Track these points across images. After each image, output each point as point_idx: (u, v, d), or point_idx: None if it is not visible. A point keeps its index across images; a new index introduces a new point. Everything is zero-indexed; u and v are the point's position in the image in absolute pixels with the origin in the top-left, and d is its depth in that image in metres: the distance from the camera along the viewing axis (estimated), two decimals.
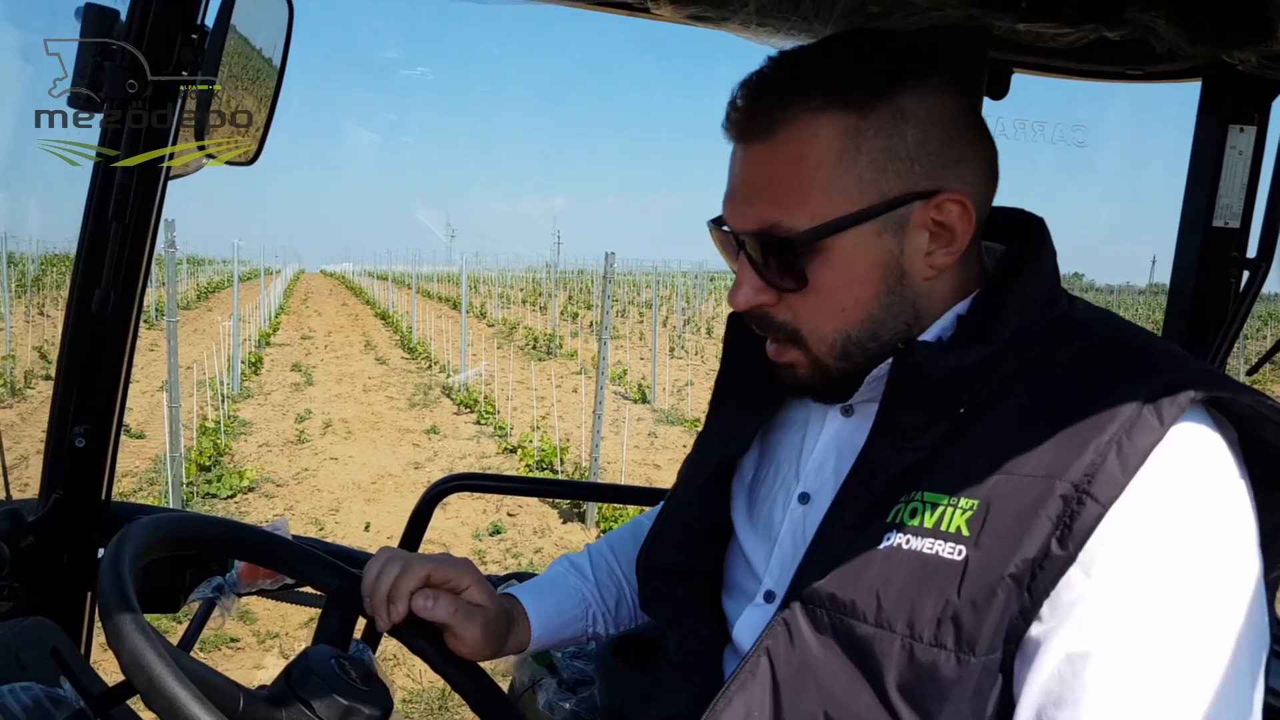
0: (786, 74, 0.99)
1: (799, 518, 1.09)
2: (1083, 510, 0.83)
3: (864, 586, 0.92)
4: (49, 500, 1.51)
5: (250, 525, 1.21)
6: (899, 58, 0.99)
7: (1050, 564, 0.84)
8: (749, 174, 1.01)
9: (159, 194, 1.47)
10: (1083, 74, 1.78)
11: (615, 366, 16.27)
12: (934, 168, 0.97)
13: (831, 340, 1.01)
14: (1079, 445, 0.86)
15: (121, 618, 0.85)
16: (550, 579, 1.40)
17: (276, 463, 9.79)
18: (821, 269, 0.98)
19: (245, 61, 1.40)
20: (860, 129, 0.95)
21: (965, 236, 0.99)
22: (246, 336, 18.06)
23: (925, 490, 0.93)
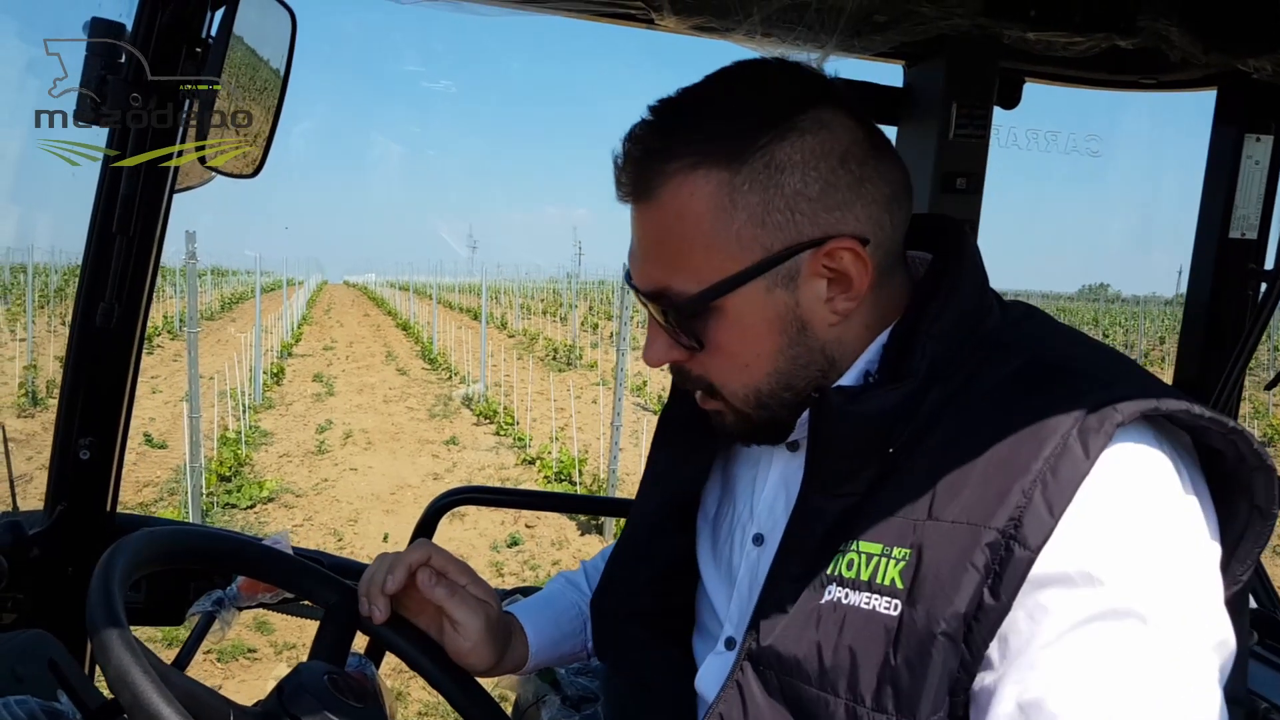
0: (661, 130, 0.94)
1: (754, 560, 1.06)
2: (1011, 558, 0.79)
3: (806, 643, 0.88)
4: (54, 512, 1.51)
5: (248, 539, 1.21)
6: (773, 101, 0.93)
7: (985, 615, 0.80)
8: (639, 233, 0.98)
9: (164, 207, 1.47)
10: (1095, 83, 1.77)
11: (635, 377, 16.24)
12: (818, 213, 0.92)
13: (743, 395, 0.98)
14: (1004, 486, 0.81)
15: (108, 634, 0.85)
16: (547, 595, 1.38)
17: (296, 473, 9.83)
18: (718, 329, 0.95)
19: (249, 73, 1.40)
20: (734, 184, 0.90)
21: (863, 280, 0.93)
22: (269, 347, 18.19)
23: (861, 539, 0.89)
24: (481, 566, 7.05)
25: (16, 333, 17.61)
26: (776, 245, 0.91)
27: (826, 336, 0.96)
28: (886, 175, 0.96)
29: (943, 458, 0.87)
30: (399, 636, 1.19)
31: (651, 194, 0.93)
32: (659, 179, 0.93)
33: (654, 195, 0.93)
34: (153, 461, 9.84)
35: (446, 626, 1.18)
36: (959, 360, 0.93)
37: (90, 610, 0.87)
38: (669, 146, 0.93)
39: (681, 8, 1.47)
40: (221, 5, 1.39)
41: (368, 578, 1.16)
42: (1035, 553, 0.79)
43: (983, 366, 0.92)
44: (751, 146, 0.90)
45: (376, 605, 1.14)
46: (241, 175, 1.42)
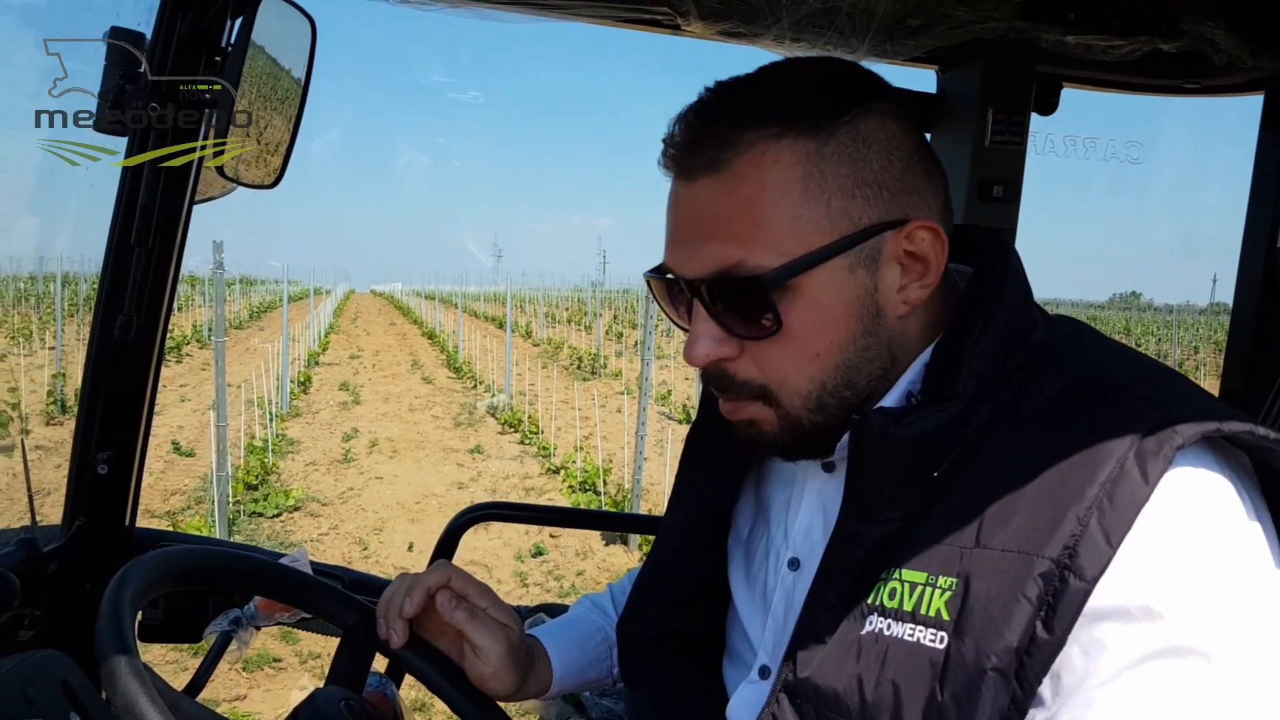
0: (734, 102, 0.90)
1: (790, 586, 1.01)
2: (1066, 589, 0.74)
3: (847, 675, 0.84)
4: (71, 526, 1.50)
5: (265, 558, 1.18)
6: (848, 83, 0.91)
7: (1038, 649, 0.75)
8: (699, 211, 0.90)
9: (183, 218, 1.45)
10: (1136, 88, 1.72)
11: (660, 386, 16.22)
12: (900, 194, 0.89)
13: (806, 392, 0.91)
14: (1057, 514, 0.77)
15: (116, 660, 0.82)
16: (572, 618, 1.34)
17: (322, 482, 9.87)
18: (793, 310, 0.88)
19: (269, 81, 1.38)
20: (823, 154, 0.86)
21: (939, 266, 0.90)
22: (296, 356, 18.31)
23: (903, 568, 0.84)
24: (506, 576, 7.03)
25: (46, 340, 17.82)
26: (864, 220, 0.87)
27: (894, 329, 0.92)
28: (944, 177, 0.94)
29: (991, 482, 0.83)
30: (419, 660, 1.14)
31: (723, 166, 0.88)
32: (732, 150, 0.87)
33: (726, 167, 0.87)
34: (180, 470, 9.91)
35: (467, 651, 1.14)
36: (1005, 377, 0.89)
37: (99, 636, 0.85)
38: (744, 118, 0.88)
39: (708, 13, 1.43)
40: (241, 14, 1.38)
41: (386, 599, 1.13)
42: (1091, 584, 0.74)
43: (1030, 384, 0.87)
44: (838, 119, 0.87)
45: (394, 629, 1.10)
46: (261, 186, 1.40)
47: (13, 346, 17.81)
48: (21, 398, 11.73)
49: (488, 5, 1.42)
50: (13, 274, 33.28)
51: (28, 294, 30.55)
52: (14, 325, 21.72)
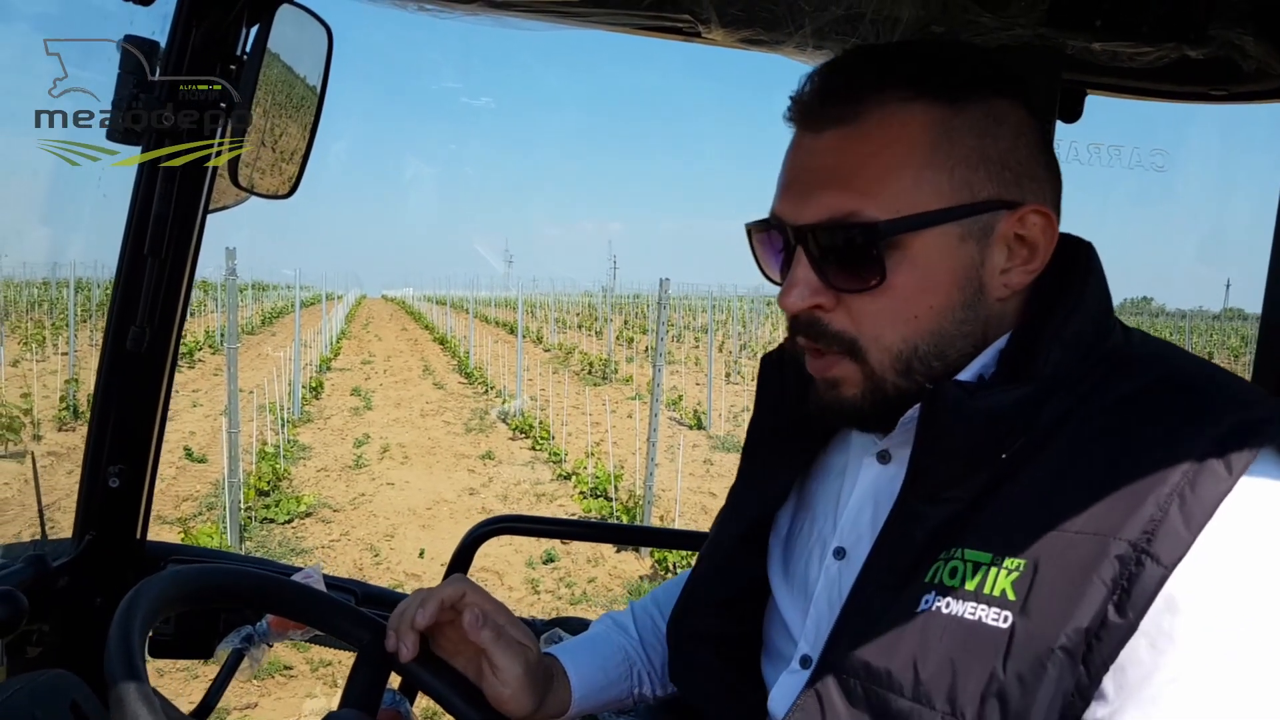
0: (872, 62, 0.93)
1: (834, 575, 1.00)
2: (1142, 572, 0.74)
3: (901, 655, 0.83)
4: (82, 540, 1.48)
5: (277, 575, 1.16)
6: (984, 65, 0.93)
7: (1108, 633, 0.75)
8: (821, 163, 0.92)
9: (197, 228, 1.44)
10: (1162, 95, 1.68)
11: (670, 392, 16.19)
12: (1022, 178, 0.91)
13: (896, 350, 0.91)
14: (1136, 498, 0.77)
15: (125, 687, 0.80)
16: (592, 637, 1.31)
17: (334, 488, 9.87)
18: (898, 267, 0.89)
19: (284, 90, 1.36)
20: (953, 124, 0.89)
21: (1046, 254, 0.92)
22: (308, 361, 18.34)
23: (966, 547, 0.84)
24: (517, 583, 7.01)
25: (59, 346, 17.90)
26: (984, 193, 0.89)
27: (991, 310, 0.93)
28: (1057, 172, 0.96)
29: (1066, 467, 0.83)
30: (435, 679, 1.12)
31: (856, 118, 0.90)
32: (867, 104, 0.90)
33: (859, 119, 0.90)
34: (192, 476, 9.92)
35: (486, 670, 1.12)
36: (1081, 373, 0.89)
37: (108, 661, 0.83)
38: (883, 75, 0.90)
39: (730, 20, 1.41)
40: (256, 22, 1.36)
41: (399, 613, 1.10)
42: (1169, 569, 0.74)
43: (1107, 382, 0.87)
44: (974, 93, 0.90)
45: (405, 641, 1.07)
46: (276, 196, 1.38)
47: (25, 352, 17.90)
48: (33, 406, 11.76)
49: (506, 13, 1.40)
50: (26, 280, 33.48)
51: (41, 300, 30.71)
52: (27, 331, 21.83)
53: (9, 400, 11.38)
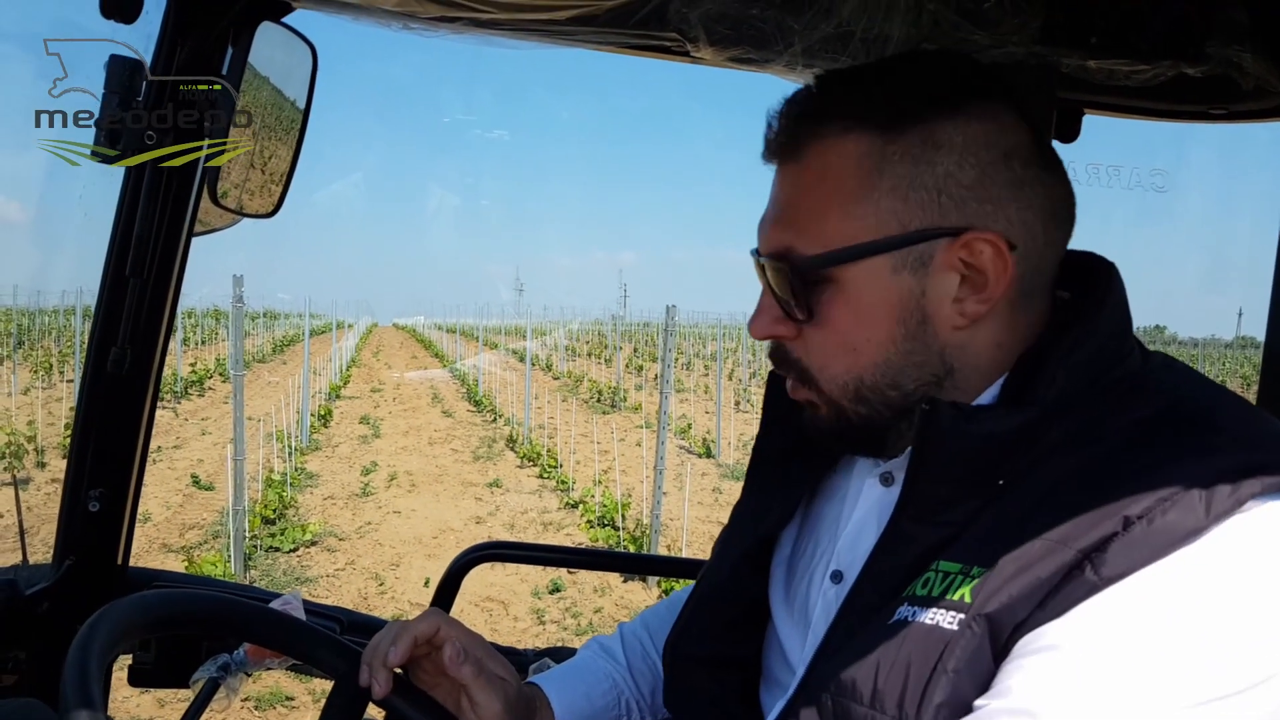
0: (820, 94, 0.93)
1: (831, 599, 0.97)
2: (1078, 578, 0.72)
3: (866, 665, 0.81)
4: (61, 565, 1.45)
5: (252, 602, 1.12)
6: (944, 82, 0.90)
7: (1026, 627, 0.74)
8: (777, 196, 0.96)
9: (181, 249, 1.42)
10: (1160, 114, 1.66)
11: (679, 420, 16.14)
12: (966, 202, 0.87)
13: (842, 382, 0.92)
14: (1103, 515, 0.74)
15: (76, 715, 0.77)
16: (578, 664, 1.27)
17: (340, 516, 9.84)
18: (832, 301, 0.90)
19: (268, 110, 1.35)
20: (885, 153, 0.87)
21: (1000, 283, 0.87)
22: (317, 389, 18.36)
23: (942, 559, 0.83)
24: (523, 613, 6.95)
25: (65, 373, 17.97)
26: (914, 223, 0.87)
27: (948, 340, 0.90)
28: (1050, 187, 0.91)
29: (1051, 487, 0.80)
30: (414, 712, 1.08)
31: (797, 153, 0.93)
32: (808, 139, 0.92)
33: (799, 155, 0.92)
34: (199, 504, 9.91)
35: (465, 705, 1.08)
36: (1088, 400, 0.85)
37: (63, 690, 0.80)
38: (825, 109, 0.91)
39: (718, 38, 1.39)
40: (239, 42, 1.35)
41: (372, 646, 1.07)
42: (1104, 584, 0.72)
43: (1113, 410, 0.84)
44: (911, 119, 0.88)
45: (377, 678, 1.03)
46: (259, 215, 1.37)
47: (35, 380, 17.97)
48: (37, 432, 11.79)
49: (493, 32, 1.39)
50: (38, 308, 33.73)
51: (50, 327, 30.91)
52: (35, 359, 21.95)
53: (17, 426, 11.39)
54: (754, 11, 1.36)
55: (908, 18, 1.37)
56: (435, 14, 1.34)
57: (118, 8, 1.26)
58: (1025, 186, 0.89)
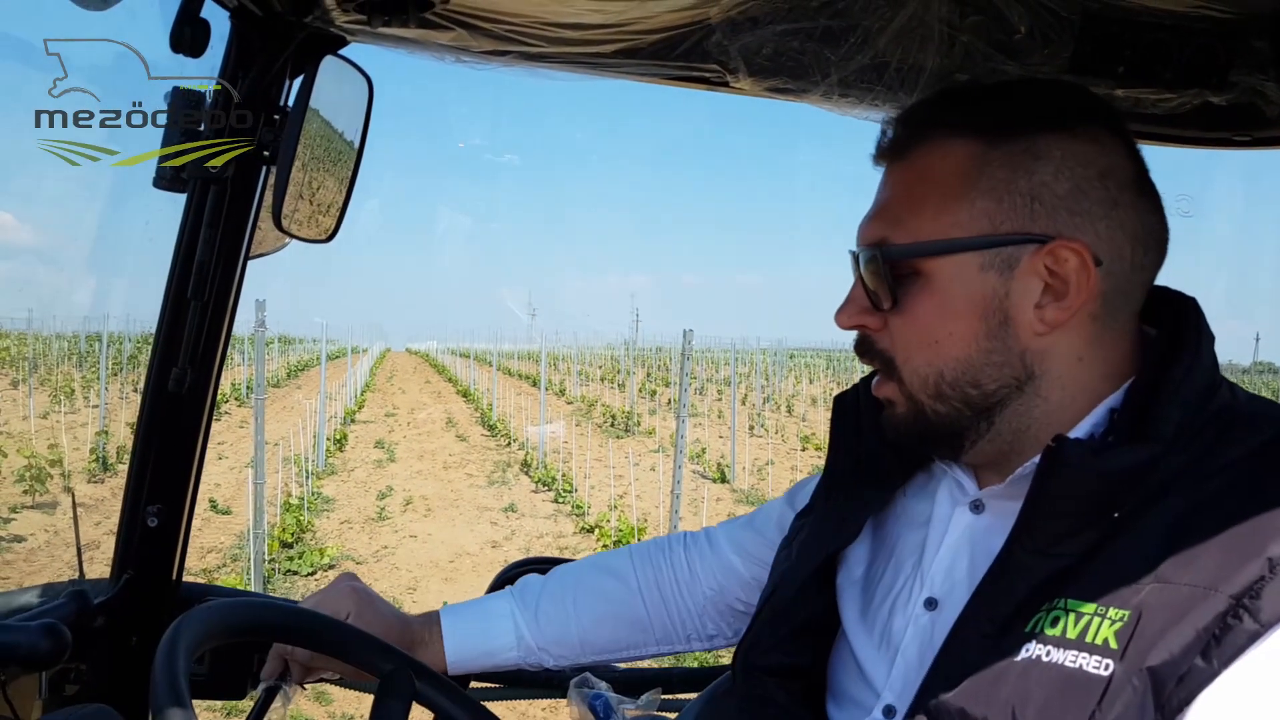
0: (934, 104, 1.01)
1: (925, 625, 0.99)
2: (1237, 625, 0.74)
3: (999, 702, 0.82)
4: (119, 580, 1.49)
5: (303, 609, 1.17)
6: (1051, 100, 0.96)
7: (1190, 678, 0.74)
8: (881, 193, 1.01)
9: (239, 272, 1.47)
10: (1186, 141, 1.69)
11: (694, 445, 16.12)
12: (1057, 212, 0.91)
13: (923, 375, 0.96)
14: (1246, 554, 0.76)
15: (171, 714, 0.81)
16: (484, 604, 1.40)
17: (357, 540, 9.87)
18: (919, 293, 0.95)
19: (325, 142, 1.40)
20: (987, 158, 0.93)
21: (1081, 293, 0.90)
22: (333, 414, 18.43)
23: (1070, 598, 0.84)
24: None
25: (90, 399, 18.09)
26: (1005, 226, 0.92)
27: (1028, 344, 0.93)
28: (1144, 213, 0.95)
29: (1179, 524, 0.82)
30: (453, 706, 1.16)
31: (904, 153, 0.99)
32: (915, 142, 0.98)
33: (905, 156, 0.99)
34: (217, 527, 9.96)
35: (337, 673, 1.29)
36: (1194, 431, 0.88)
37: (155, 691, 0.84)
38: (935, 116, 0.98)
39: (756, 69, 1.44)
40: (300, 73, 1.40)
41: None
42: (1264, 629, 0.73)
43: (1222, 440, 0.87)
44: (1016, 130, 0.93)
45: None
46: (315, 240, 1.42)
47: (55, 405, 18.10)
48: (62, 457, 11.87)
49: (542, 65, 1.45)
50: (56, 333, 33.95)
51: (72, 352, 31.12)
52: (56, 383, 22.10)
53: (39, 451, 11.47)
54: (793, 44, 1.41)
55: (941, 49, 1.42)
56: (487, 48, 1.40)
57: (186, 43, 1.32)
58: (1118, 207, 0.92)
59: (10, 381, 23.57)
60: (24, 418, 16.55)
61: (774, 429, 21.48)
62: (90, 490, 11.34)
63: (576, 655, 1.38)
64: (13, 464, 11.17)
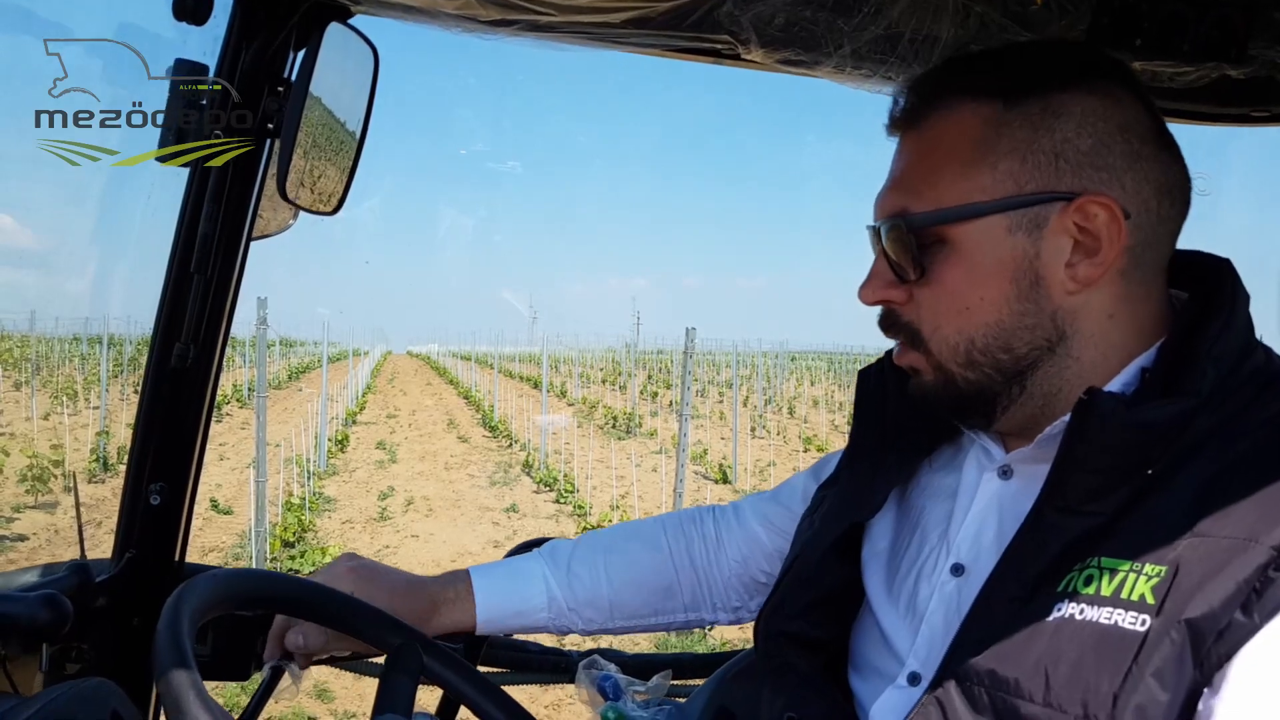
0: (945, 70, 0.99)
1: (951, 592, 0.97)
2: (1278, 578, 0.72)
3: (1029, 663, 0.80)
4: (121, 559, 1.47)
5: (310, 581, 1.15)
6: (1062, 58, 0.94)
7: (1230, 632, 0.73)
8: (896, 164, 1.00)
9: (243, 247, 1.45)
10: (1203, 117, 1.67)
11: (695, 446, 16.11)
12: (1082, 168, 0.90)
13: (954, 344, 0.94)
14: None
15: (180, 686, 0.79)
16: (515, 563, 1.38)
17: (359, 539, 9.85)
18: (946, 261, 0.93)
19: (331, 112, 1.38)
20: (1004, 119, 0.91)
21: (1113, 248, 0.89)
22: (334, 415, 18.43)
23: (1103, 555, 0.82)
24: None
25: (90, 400, 18.09)
26: (1030, 186, 0.90)
27: (1061, 303, 0.91)
28: (1166, 165, 0.93)
29: (1214, 480, 0.81)
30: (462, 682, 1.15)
31: (918, 121, 0.97)
32: (928, 108, 0.96)
33: (919, 123, 0.97)
34: (218, 527, 9.94)
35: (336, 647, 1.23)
36: (1229, 390, 0.86)
37: (159, 658, 0.82)
38: (947, 81, 0.96)
39: (768, 40, 1.42)
40: (304, 46, 1.38)
41: None
42: None
43: (1259, 398, 0.86)
44: (1030, 89, 0.92)
45: None
46: (321, 212, 1.40)
47: (56, 405, 18.10)
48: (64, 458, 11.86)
49: (550, 36, 1.43)
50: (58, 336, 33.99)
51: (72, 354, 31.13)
52: (57, 384, 22.09)
53: (40, 451, 11.46)
54: (805, 14, 1.39)
55: (956, 19, 1.40)
56: (494, 17, 1.38)
57: (189, 10, 1.30)
58: (1141, 160, 0.91)
59: (13, 383, 23.57)
60: (26, 419, 16.54)
61: (776, 430, 21.45)
62: (90, 490, 11.32)
63: (605, 619, 1.36)
64: (15, 464, 11.14)
